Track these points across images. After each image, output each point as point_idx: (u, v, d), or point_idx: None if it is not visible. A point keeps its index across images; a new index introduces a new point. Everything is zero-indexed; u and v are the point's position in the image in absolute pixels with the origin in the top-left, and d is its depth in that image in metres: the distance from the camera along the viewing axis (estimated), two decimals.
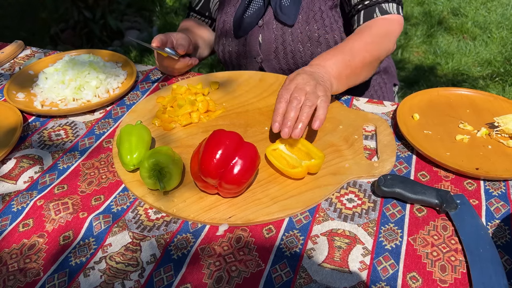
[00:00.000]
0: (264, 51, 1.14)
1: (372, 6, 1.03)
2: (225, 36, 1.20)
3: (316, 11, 1.07)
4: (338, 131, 0.89)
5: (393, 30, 1.02)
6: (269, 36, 1.11)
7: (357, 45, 0.96)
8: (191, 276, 0.64)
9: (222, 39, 1.21)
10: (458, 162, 0.81)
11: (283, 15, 1.08)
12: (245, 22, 1.14)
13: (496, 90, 2.51)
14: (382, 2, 1.03)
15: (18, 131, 0.91)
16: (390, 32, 1.02)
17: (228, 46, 1.20)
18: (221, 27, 1.20)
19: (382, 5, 1.02)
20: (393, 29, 1.02)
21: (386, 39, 1.01)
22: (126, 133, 0.81)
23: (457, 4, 3.48)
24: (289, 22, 1.08)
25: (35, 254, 0.68)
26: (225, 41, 1.20)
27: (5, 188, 0.81)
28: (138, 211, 0.75)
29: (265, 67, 1.16)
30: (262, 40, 1.13)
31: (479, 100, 0.98)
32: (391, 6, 1.03)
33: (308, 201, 0.74)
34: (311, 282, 0.63)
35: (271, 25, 1.11)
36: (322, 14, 1.07)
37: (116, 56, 1.18)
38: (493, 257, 0.65)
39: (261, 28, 1.12)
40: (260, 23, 1.12)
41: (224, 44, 1.21)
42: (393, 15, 1.02)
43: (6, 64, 1.22)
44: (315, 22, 1.07)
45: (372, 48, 0.98)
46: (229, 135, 0.72)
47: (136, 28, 3.28)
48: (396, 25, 1.03)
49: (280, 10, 1.08)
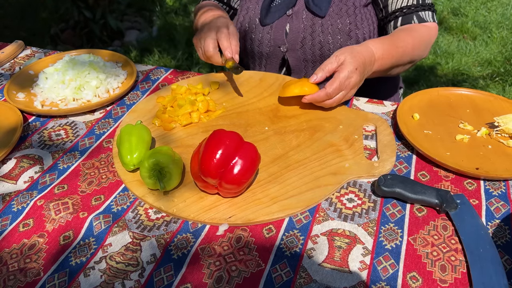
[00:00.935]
0: (290, 40, 1.13)
1: (410, 14, 1.06)
2: (248, 23, 1.17)
3: (349, 6, 1.08)
4: (338, 131, 0.90)
5: (431, 37, 1.07)
6: (298, 25, 1.11)
7: (403, 42, 1.01)
8: (191, 276, 0.64)
9: (245, 26, 1.19)
10: (458, 162, 0.81)
11: (315, 6, 1.08)
12: (272, 10, 1.13)
13: (496, 90, 2.51)
14: (420, 10, 1.06)
15: (18, 131, 0.91)
16: (429, 40, 1.07)
17: (251, 33, 1.17)
18: (244, 14, 1.18)
19: (420, 13, 1.06)
20: (431, 36, 1.07)
21: (424, 45, 1.06)
22: (126, 133, 0.81)
23: (457, 4, 3.48)
24: (320, 13, 1.08)
25: (35, 254, 0.68)
26: (248, 28, 1.18)
27: (5, 188, 0.81)
28: (138, 211, 0.75)
29: (288, 57, 1.15)
30: (289, 29, 1.12)
31: (479, 100, 0.98)
32: (428, 14, 1.06)
33: (308, 201, 0.74)
34: (311, 282, 0.63)
35: (300, 14, 1.10)
36: (355, 10, 1.08)
37: (116, 56, 1.18)
38: (493, 257, 0.65)
39: (290, 17, 1.11)
40: (289, 12, 1.11)
41: (247, 31, 1.18)
42: (430, 23, 1.06)
43: (6, 64, 1.22)
44: (348, 16, 1.08)
45: (411, 50, 1.03)
46: (229, 135, 0.72)
47: (136, 28, 3.28)
48: (434, 32, 1.07)
49: (313, 1, 1.08)
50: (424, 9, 1.06)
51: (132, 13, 3.42)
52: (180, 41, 3.10)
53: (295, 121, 0.93)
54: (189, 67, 2.83)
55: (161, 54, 2.95)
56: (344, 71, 0.90)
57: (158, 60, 2.90)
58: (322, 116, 0.94)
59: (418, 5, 1.06)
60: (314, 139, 0.88)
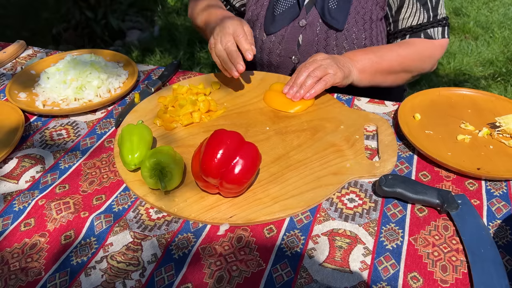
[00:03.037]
0: (302, 52, 1.10)
1: (418, 32, 1.06)
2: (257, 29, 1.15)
3: (366, 20, 1.06)
4: (340, 131, 0.89)
5: (434, 53, 1.07)
6: (312, 37, 1.08)
7: (390, 53, 1.03)
8: (192, 275, 0.65)
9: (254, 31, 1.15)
10: (459, 162, 0.81)
11: (332, 19, 1.05)
12: (277, 19, 1.10)
13: (498, 90, 2.51)
14: (429, 28, 1.05)
15: (20, 131, 0.91)
16: (429, 55, 1.07)
17: (260, 40, 1.14)
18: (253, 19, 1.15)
19: (428, 30, 1.06)
20: (434, 52, 1.07)
21: (424, 59, 1.07)
22: (128, 133, 0.81)
23: (459, 4, 3.47)
24: (338, 26, 1.05)
25: (36, 254, 0.69)
26: (257, 35, 1.14)
27: (7, 187, 0.81)
28: (139, 211, 0.75)
29: None
30: (302, 41, 1.10)
31: (481, 100, 0.98)
32: (437, 30, 1.06)
33: (309, 201, 0.74)
34: (312, 282, 0.63)
35: (315, 26, 1.08)
36: (372, 24, 1.06)
37: (117, 56, 1.18)
38: (494, 257, 0.65)
39: (303, 28, 1.09)
40: (302, 23, 1.08)
41: (257, 38, 1.15)
42: (437, 40, 1.06)
43: (8, 64, 1.22)
44: (364, 30, 1.06)
45: (403, 61, 1.04)
46: (230, 135, 0.72)
47: (137, 28, 3.28)
48: (438, 49, 1.07)
49: (329, 13, 1.05)
50: (434, 26, 1.05)
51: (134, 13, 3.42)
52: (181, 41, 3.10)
53: (296, 121, 0.93)
54: (190, 67, 2.83)
55: (163, 54, 2.95)
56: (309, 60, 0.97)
57: (159, 60, 2.90)
58: (323, 116, 0.94)
59: (428, 22, 1.05)
60: (315, 139, 0.88)
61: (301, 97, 0.95)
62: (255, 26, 1.15)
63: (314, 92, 0.94)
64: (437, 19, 1.05)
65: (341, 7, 1.05)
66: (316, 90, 0.93)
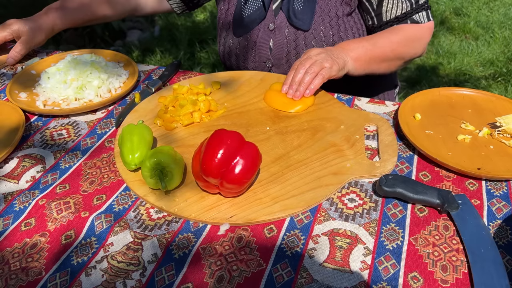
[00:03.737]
0: (275, 55, 1.12)
1: (404, 20, 1.06)
2: (227, 30, 1.16)
3: (332, 17, 1.06)
4: (340, 131, 0.89)
5: (423, 35, 1.07)
6: (281, 40, 1.09)
7: (382, 40, 1.03)
8: (192, 275, 0.65)
9: (224, 32, 1.17)
10: (459, 162, 0.81)
11: (298, 20, 1.06)
12: (245, 21, 1.12)
13: (498, 90, 2.51)
14: (414, 14, 1.05)
15: (20, 131, 0.91)
16: (419, 38, 1.07)
17: (230, 41, 1.16)
18: (223, 18, 1.16)
19: (413, 16, 1.06)
20: (423, 35, 1.07)
21: (414, 43, 1.07)
22: (128, 133, 0.81)
23: (459, 4, 3.47)
24: (304, 27, 1.06)
25: (37, 253, 0.69)
26: (227, 35, 1.17)
27: (7, 187, 0.81)
28: (139, 211, 0.75)
29: (274, 72, 1.15)
30: (273, 45, 1.11)
31: (481, 100, 0.98)
32: (421, 15, 1.06)
33: (310, 201, 0.74)
34: (312, 281, 0.63)
35: (283, 29, 1.08)
36: (338, 20, 1.06)
37: (118, 56, 1.18)
38: (494, 257, 0.65)
39: (273, 32, 1.10)
40: (271, 27, 1.09)
41: (226, 37, 1.17)
42: (423, 24, 1.06)
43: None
44: (331, 27, 1.06)
45: (396, 46, 1.04)
46: (230, 134, 0.72)
47: (138, 28, 3.28)
48: (426, 31, 1.07)
49: (294, 15, 1.06)
50: (418, 11, 1.05)
51: None
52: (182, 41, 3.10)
53: (297, 121, 0.93)
54: (191, 67, 2.83)
55: (163, 54, 2.96)
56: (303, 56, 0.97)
57: (160, 60, 2.90)
58: (324, 116, 0.94)
59: (412, 9, 1.05)
60: (316, 139, 0.88)
61: (301, 95, 0.95)
62: (225, 26, 1.16)
63: (314, 88, 0.94)
64: (419, 4, 1.05)
65: (307, 7, 1.05)
66: (315, 85, 0.93)
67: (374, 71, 1.06)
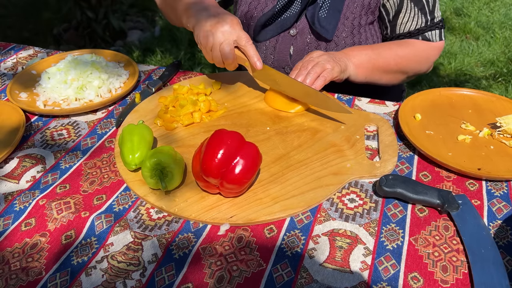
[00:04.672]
0: (294, 62, 1.09)
1: (416, 36, 1.06)
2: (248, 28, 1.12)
3: (355, 25, 1.05)
4: (340, 131, 0.89)
5: (431, 54, 1.08)
6: (302, 47, 1.07)
7: (388, 51, 1.03)
8: (193, 275, 0.65)
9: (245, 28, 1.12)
10: (460, 162, 0.81)
11: (322, 28, 1.03)
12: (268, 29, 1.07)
13: (499, 90, 2.51)
14: (426, 31, 1.05)
15: (20, 131, 0.91)
16: (426, 56, 1.08)
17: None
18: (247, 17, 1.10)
19: (426, 33, 1.06)
20: (431, 53, 1.08)
21: (421, 60, 1.07)
22: (128, 133, 0.81)
23: (460, 4, 3.47)
24: (327, 36, 1.03)
25: (37, 253, 0.69)
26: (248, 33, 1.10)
27: (7, 187, 0.81)
28: (139, 211, 0.75)
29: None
30: (293, 52, 1.09)
31: (482, 100, 0.97)
32: (434, 33, 1.06)
33: (310, 201, 0.74)
34: (312, 282, 0.63)
35: (305, 36, 1.06)
36: (360, 29, 1.06)
37: (118, 56, 1.18)
38: (494, 258, 0.65)
39: (294, 38, 1.07)
40: (293, 32, 1.07)
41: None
42: (434, 43, 1.07)
43: (9, 64, 1.22)
44: (353, 36, 1.05)
45: (400, 61, 1.04)
46: (230, 135, 0.72)
47: (138, 28, 3.28)
48: (435, 50, 1.08)
49: (319, 22, 1.02)
50: (432, 29, 1.05)
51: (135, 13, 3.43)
52: (182, 41, 3.10)
53: (297, 121, 0.93)
54: (191, 67, 2.83)
55: (164, 54, 2.96)
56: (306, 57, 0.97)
57: (160, 60, 2.90)
58: (324, 116, 0.94)
59: (426, 26, 1.04)
60: (316, 139, 0.88)
61: None
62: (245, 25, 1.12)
63: (315, 89, 0.93)
64: (434, 22, 1.05)
65: (331, 16, 1.03)
66: (317, 87, 0.93)
67: (375, 81, 1.06)
